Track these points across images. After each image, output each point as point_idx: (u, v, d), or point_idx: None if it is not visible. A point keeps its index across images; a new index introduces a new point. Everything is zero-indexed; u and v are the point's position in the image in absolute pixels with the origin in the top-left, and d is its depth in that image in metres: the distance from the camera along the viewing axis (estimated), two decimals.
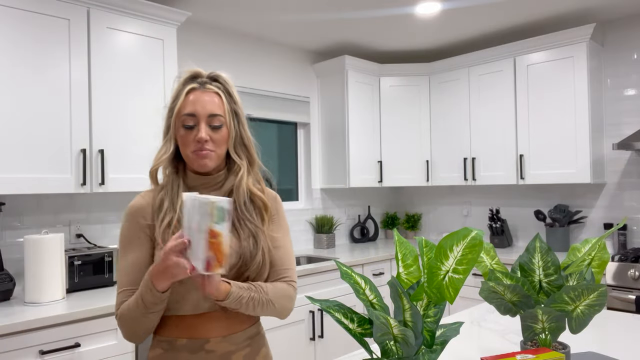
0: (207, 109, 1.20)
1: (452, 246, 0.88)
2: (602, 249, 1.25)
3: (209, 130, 1.20)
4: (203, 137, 1.18)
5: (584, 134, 3.14)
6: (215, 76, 1.26)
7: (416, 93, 4.01)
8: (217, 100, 1.22)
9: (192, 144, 1.20)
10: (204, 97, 1.21)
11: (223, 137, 1.23)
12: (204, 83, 1.24)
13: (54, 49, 2.25)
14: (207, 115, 1.20)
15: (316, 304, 0.94)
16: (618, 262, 2.82)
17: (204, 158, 1.20)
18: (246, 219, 1.25)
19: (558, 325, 1.14)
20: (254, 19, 3.24)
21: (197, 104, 1.20)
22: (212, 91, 1.23)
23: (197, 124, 1.20)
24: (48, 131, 2.22)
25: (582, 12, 3.22)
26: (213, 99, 1.22)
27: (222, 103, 1.23)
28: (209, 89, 1.23)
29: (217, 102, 1.22)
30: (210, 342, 1.18)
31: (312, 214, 3.93)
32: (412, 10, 3.13)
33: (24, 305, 2.08)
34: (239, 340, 1.22)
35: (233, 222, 1.23)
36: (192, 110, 1.20)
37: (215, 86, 1.24)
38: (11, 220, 2.43)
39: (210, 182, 1.27)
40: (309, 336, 2.98)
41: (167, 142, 1.24)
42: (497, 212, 3.72)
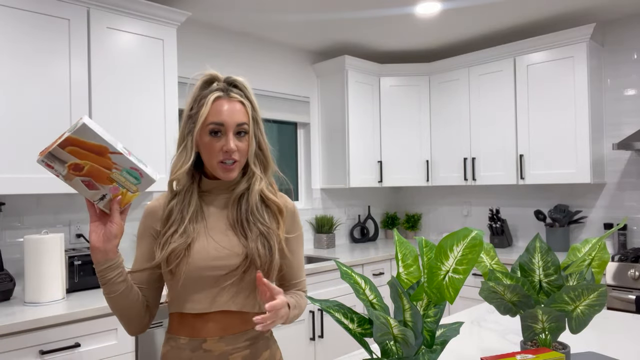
0: (234, 118, 1.20)
1: (452, 246, 0.88)
2: (602, 249, 1.25)
3: (236, 140, 1.21)
4: (232, 148, 1.19)
5: (584, 134, 3.14)
6: (234, 81, 1.26)
7: (416, 93, 4.01)
8: (242, 109, 1.23)
9: (219, 153, 1.20)
10: (231, 106, 1.21)
11: (247, 146, 1.24)
12: (227, 90, 1.23)
13: (54, 49, 2.25)
14: (235, 125, 1.20)
15: (316, 304, 0.94)
16: (618, 262, 2.82)
17: (231, 171, 1.22)
18: (257, 220, 1.26)
19: (558, 325, 1.14)
20: (254, 19, 3.24)
21: (225, 113, 1.20)
22: (236, 100, 1.23)
23: (224, 133, 1.20)
24: (48, 131, 2.22)
25: (582, 12, 3.22)
26: (238, 107, 1.22)
27: (247, 111, 1.24)
28: (234, 97, 1.23)
29: (243, 111, 1.23)
30: (207, 342, 1.20)
31: (312, 214, 3.93)
32: (412, 10, 3.13)
33: (24, 305, 2.08)
34: (236, 341, 1.22)
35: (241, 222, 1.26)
36: (220, 119, 1.19)
37: (237, 93, 1.24)
38: (11, 220, 2.43)
39: (223, 185, 1.29)
40: (309, 336, 2.98)
41: (186, 149, 1.22)
42: (497, 212, 3.72)
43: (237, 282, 1.22)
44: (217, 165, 1.21)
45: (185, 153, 1.22)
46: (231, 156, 1.20)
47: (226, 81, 1.25)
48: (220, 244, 1.22)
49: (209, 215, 1.26)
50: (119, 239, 1.14)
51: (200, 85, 1.25)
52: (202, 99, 1.22)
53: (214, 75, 1.26)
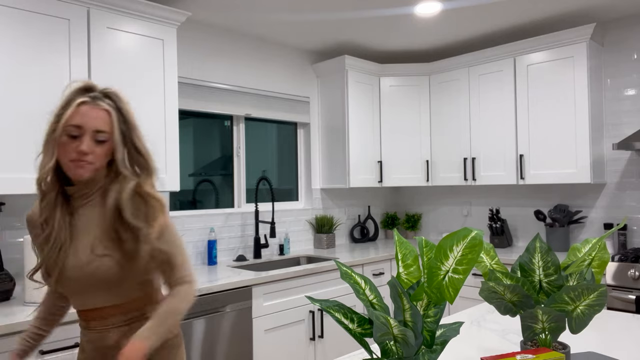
0: (93, 124, 1.26)
1: (452, 246, 0.88)
2: (602, 249, 1.25)
3: (92, 144, 1.25)
4: (84, 150, 1.23)
5: (584, 134, 3.14)
6: (108, 93, 1.31)
7: (416, 93, 4.01)
8: (105, 117, 1.28)
9: (72, 153, 1.25)
10: (92, 112, 1.26)
11: (105, 152, 1.28)
12: (96, 98, 1.28)
13: (54, 49, 2.25)
14: (92, 130, 1.25)
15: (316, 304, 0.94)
16: (618, 262, 2.82)
17: (80, 168, 1.25)
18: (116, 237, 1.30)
19: (558, 325, 1.14)
20: (254, 19, 3.24)
21: (85, 117, 1.25)
22: (101, 108, 1.28)
23: (81, 135, 1.24)
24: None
25: (582, 12, 3.22)
26: (102, 115, 1.27)
27: (110, 120, 1.28)
28: (100, 105, 1.28)
29: (105, 119, 1.28)
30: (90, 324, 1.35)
31: (312, 214, 3.93)
32: (412, 10, 3.13)
33: (24, 305, 2.08)
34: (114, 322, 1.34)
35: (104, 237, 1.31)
36: (79, 122, 1.24)
37: (106, 103, 1.29)
38: (11, 220, 2.43)
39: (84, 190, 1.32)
40: (309, 336, 2.98)
41: (49, 148, 1.27)
42: (497, 212, 3.72)
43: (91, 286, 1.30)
44: (68, 165, 1.25)
45: (49, 152, 1.27)
46: (82, 158, 1.24)
47: (101, 92, 1.31)
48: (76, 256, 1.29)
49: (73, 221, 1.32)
50: None
51: (75, 90, 1.29)
52: (69, 102, 1.27)
53: (91, 84, 1.31)
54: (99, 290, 1.30)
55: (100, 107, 1.27)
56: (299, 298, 2.92)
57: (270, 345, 2.77)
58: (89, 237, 1.30)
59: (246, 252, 3.47)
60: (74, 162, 1.24)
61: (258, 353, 2.71)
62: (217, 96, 3.34)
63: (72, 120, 1.24)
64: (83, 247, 1.29)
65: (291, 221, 3.78)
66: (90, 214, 1.32)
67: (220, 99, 3.36)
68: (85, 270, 1.27)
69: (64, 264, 1.28)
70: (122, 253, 1.28)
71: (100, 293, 1.31)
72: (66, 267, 1.28)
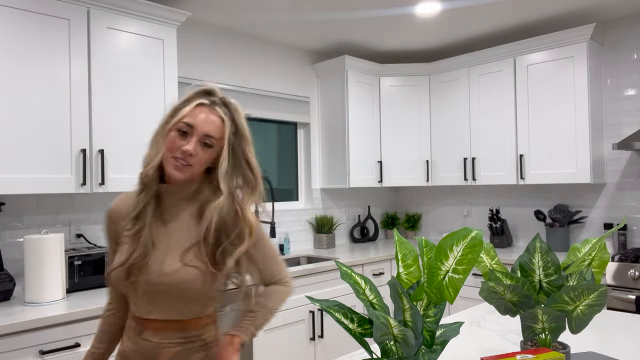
0: (206, 127, 1.23)
1: (452, 246, 0.88)
2: (602, 249, 1.25)
3: (198, 147, 1.23)
4: (189, 150, 1.21)
5: (584, 134, 3.14)
6: (227, 102, 1.29)
7: (416, 93, 4.01)
8: (219, 124, 1.25)
9: (177, 150, 1.22)
10: (207, 116, 1.24)
11: (208, 157, 1.26)
12: (214, 104, 1.27)
13: (54, 49, 2.25)
14: (202, 133, 1.23)
15: (316, 304, 0.94)
16: (618, 262, 2.82)
17: (179, 170, 1.22)
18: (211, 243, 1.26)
19: (558, 325, 1.14)
20: (254, 19, 3.24)
21: (199, 118, 1.23)
22: (217, 114, 1.26)
23: (190, 135, 1.23)
24: (48, 131, 2.22)
25: (582, 12, 3.22)
26: (216, 121, 1.25)
27: (223, 128, 1.26)
28: (216, 111, 1.26)
29: (218, 125, 1.25)
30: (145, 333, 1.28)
31: (312, 214, 3.93)
32: (412, 10, 3.13)
33: (24, 305, 2.08)
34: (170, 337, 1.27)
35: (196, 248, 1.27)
36: (192, 122, 1.23)
37: (223, 111, 1.27)
38: (11, 220, 2.43)
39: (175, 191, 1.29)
40: (309, 336, 2.98)
41: (158, 141, 1.26)
42: (497, 212, 3.72)
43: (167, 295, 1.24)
44: (170, 159, 1.23)
45: (157, 145, 1.26)
46: (186, 157, 1.22)
47: (221, 98, 1.29)
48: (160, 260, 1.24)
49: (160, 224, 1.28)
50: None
51: (197, 91, 1.28)
52: (189, 100, 1.27)
53: (214, 89, 1.29)
54: (174, 301, 1.24)
55: (216, 113, 1.26)
56: (299, 298, 2.92)
57: (270, 345, 2.77)
58: (178, 243, 1.26)
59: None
60: (175, 160, 1.22)
61: (258, 353, 2.71)
62: None
63: (186, 118, 1.23)
64: (171, 254, 1.24)
65: (291, 221, 3.78)
66: (180, 218, 1.29)
67: None
68: (170, 278, 1.22)
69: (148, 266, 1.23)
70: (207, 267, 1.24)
71: (172, 304, 1.25)
72: (149, 271, 1.23)
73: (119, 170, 2.44)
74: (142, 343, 1.27)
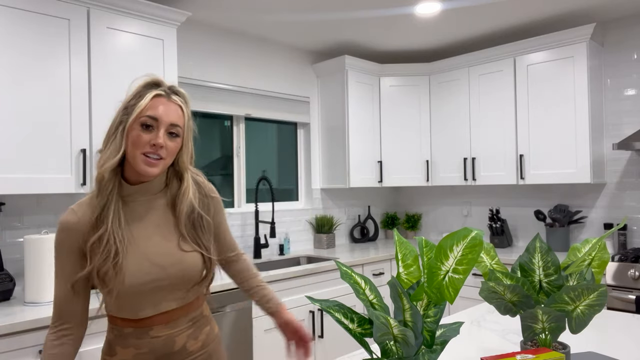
0: (169, 117, 1.23)
1: (452, 246, 0.88)
2: (602, 249, 1.25)
3: (166, 137, 1.22)
4: (160, 142, 1.20)
5: (584, 134, 3.14)
6: (177, 90, 1.30)
7: (416, 93, 4.01)
8: (179, 112, 1.26)
9: (145, 145, 1.20)
10: (168, 106, 1.24)
11: (176, 147, 1.26)
12: (169, 93, 1.27)
13: (54, 49, 2.25)
14: (168, 123, 1.23)
15: (316, 304, 0.94)
16: (618, 262, 2.82)
17: (153, 166, 1.21)
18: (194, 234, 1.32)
19: (558, 325, 1.14)
20: (254, 19, 3.24)
21: (161, 109, 1.22)
22: (176, 103, 1.26)
23: (156, 128, 1.21)
24: (48, 131, 2.22)
25: (582, 12, 3.22)
26: (176, 109, 1.25)
27: (183, 116, 1.27)
28: (174, 100, 1.26)
29: (179, 114, 1.26)
30: (154, 330, 1.25)
31: (312, 214, 3.93)
32: (412, 10, 3.13)
33: (24, 305, 2.08)
34: (180, 324, 1.29)
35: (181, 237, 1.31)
36: (155, 114, 1.21)
37: (178, 99, 1.28)
38: (11, 220, 2.43)
39: (144, 190, 1.28)
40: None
41: (115, 141, 1.22)
42: (497, 212, 3.72)
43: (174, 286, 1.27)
44: (140, 158, 1.20)
45: (115, 145, 1.21)
46: (157, 151, 1.21)
47: (169, 88, 1.29)
48: (152, 257, 1.24)
49: (132, 222, 1.26)
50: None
51: (144, 84, 1.27)
52: (142, 94, 1.24)
53: (160, 80, 1.29)
54: (179, 290, 1.27)
55: (174, 101, 1.26)
56: (299, 298, 2.92)
57: (270, 345, 2.77)
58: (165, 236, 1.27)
59: (246, 252, 3.47)
60: (146, 157, 1.20)
61: (258, 353, 2.71)
62: (217, 96, 3.34)
63: (148, 112, 1.21)
64: (162, 247, 1.25)
65: (291, 221, 3.78)
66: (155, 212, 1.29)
67: (220, 99, 3.36)
68: (174, 269, 1.24)
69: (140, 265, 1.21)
70: (200, 249, 1.31)
71: (178, 294, 1.27)
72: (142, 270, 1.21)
73: None
74: (150, 342, 1.25)
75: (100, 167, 1.21)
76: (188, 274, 1.27)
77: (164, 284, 1.24)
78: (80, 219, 1.22)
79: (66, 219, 1.22)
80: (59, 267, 1.23)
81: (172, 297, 1.27)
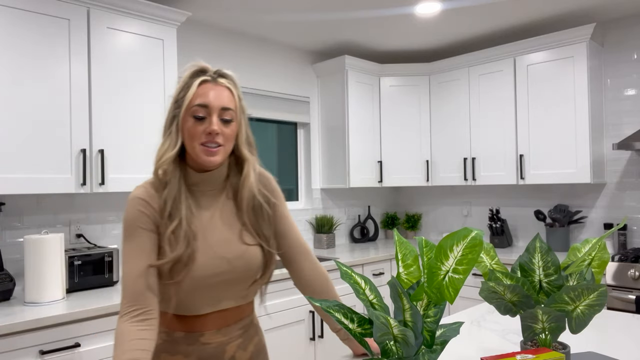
0: (220, 101, 1.19)
1: (452, 246, 0.88)
2: (602, 249, 1.25)
3: (220, 124, 1.18)
4: (215, 129, 1.16)
5: (584, 134, 3.14)
6: (224, 73, 1.25)
7: (416, 93, 4.01)
8: (229, 95, 1.21)
9: (201, 135, 1.17)
10: (216, 90, 1.20)
11: (233, 132, 1.22)
12: (215, 77, 1.22)
13: (54, 49, 2.25)
14: (219, 108, 1.18)
15: (316, 304, 0.94)
16: (618, 262, 2.82)
17: (213, 155, 1.18)
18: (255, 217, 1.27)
19: (558, 325, 1.14)
20: (254, 19, 3.24)
21: (210, 95, 1.18)
22: (223, 85, 1.21)
23: (208, 115, 1.18)
24: (48, 131, 2.22)
25: (582, 12, 3.22)
26: (225, 92, 1.21)
27: (233, 98, 1.22)
28: (221, 83, 1.21)
29: (229, 96, 1.21)
30: (205, 335, 1.21)
31: (312, 214, 3.93)
32: (412, 10, 3.13)
33: (24, 305, 2.08)
34: (232, 331, 1.25)
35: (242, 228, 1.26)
36: (204, 101, 1.17)
37: (225, 81, 1.23)
38: (11, 220, 2.43)
39: (211, 179, 1.25)
40: (309, 336, 2.98)
41: (171, 135, 1.20)
42: (497, 212, 3.72)
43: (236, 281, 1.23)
44: (199, 149, 1.17)
45: (170, 139, 1.19)
46: (214, 139, 1.17)
47: (216, 72, 1.24)
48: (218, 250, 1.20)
49: (201, 213, 1.22)
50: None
51: (189, 74, 1.23)
52: (189, 84, 1.20)
53: (205, 66, 1.24)
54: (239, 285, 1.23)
55: (222, 84, 1.21)
56: (299, 298, 2.92)
57: (270, 345, 2.77)
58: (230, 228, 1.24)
59: None
60: (204, 147, 1.17)
61: None
62: None
63: (197, 100, 1.17)
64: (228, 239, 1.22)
65: None
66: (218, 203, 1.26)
67: None
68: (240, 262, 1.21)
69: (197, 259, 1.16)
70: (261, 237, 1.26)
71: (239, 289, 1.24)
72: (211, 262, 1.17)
73: (119, 170, 2.44)
74: (200, 349, 1.20)
75: (158, 161, 1.19)
76: (251, 268, 1.23)
77: (229, 277, 1.20)
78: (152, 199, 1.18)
79: (142, 194, 1.18)
80: (138, 245, 1.15)
81: (232, 293, 1.23)
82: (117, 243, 2.78)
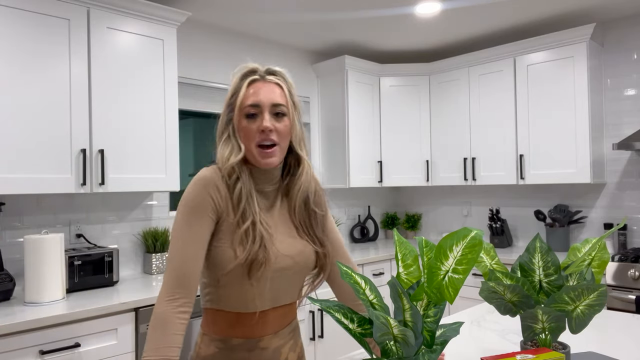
0: (270, 98, 1.18)
1: (452, 246, 0.88)
2: (602, 249, 1.25)
3: (272, 120, 1.17)
4: (268, 126, 1.15)
5: (584, 134, 3.14)
6: (273, 70, 1.24)
7: (416, 93, 4.01)
8: (279, 91, 1.21)
9: (255, 135, 1.16)
10: (266, 88, 1.19)
11: (286, 128, 1.20)
12: (264, 75, 1.22)
13: (54, 49, 2.25)
14: (270, 105, 1.17)
15: (316, 304, 0.94)
16: (618, 262, 2.82)
17: (270, 157, 1.17)
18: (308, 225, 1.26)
19: (558, 325, 1.14)
20: (254, 19, 3.24)
21: (260, 94, 1.17)
22: (272, 82, 1.21)
23: (260, 113, 1.17)
24: (48, 131, 2.22)
25: (582, 12, 3.22)
26: (275, 89, 1.20)
27: (284, 94, 1.21)
28: (270, 80, 1.21)
29: (279, 92, 1.20)
30: (264, 340, 1.20)
31: None
32: (412, 10, 3.13)
33: (24, 305, 2.08)
34: (285, 334, 1.26)
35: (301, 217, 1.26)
36: (255, 100, 1.17)
37: (275, 78, 1.23)
38: (11, 220, 2.43)
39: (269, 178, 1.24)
40: (309, 336, 2.98)
41: (230, 139, 1.19)
42: (497, 212, 3.72)
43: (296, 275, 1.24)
44: (255, 150, 1.16)
45: (230, 143, 1.18)
46: (268, 136, 1.16)
47: (265, 70, 1.24)
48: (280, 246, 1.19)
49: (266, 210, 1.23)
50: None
51: (239, 76, 1.22)
52: (239, 87, 1.20)
53: (254, 66, 1.23)
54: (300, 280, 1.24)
55: (271, 81, 1.20)
56: None
57: None
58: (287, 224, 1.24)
59: None
60: (260, 149, 1.16)
61: None
62: (217, 96, 3.34)
63: (248, 101, 1.17)
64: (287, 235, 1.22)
65: None
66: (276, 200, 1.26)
67: (221, 98, 3.36)
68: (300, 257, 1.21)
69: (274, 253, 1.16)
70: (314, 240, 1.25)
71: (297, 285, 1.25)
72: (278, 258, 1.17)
73: (119, 170, 2.44)
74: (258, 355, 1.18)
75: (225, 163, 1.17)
76: (308, 264, 1.23)
77: (291, 272, 1.20)
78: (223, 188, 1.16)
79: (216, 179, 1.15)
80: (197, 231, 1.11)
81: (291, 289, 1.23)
82: (117, 243, 2.78)
